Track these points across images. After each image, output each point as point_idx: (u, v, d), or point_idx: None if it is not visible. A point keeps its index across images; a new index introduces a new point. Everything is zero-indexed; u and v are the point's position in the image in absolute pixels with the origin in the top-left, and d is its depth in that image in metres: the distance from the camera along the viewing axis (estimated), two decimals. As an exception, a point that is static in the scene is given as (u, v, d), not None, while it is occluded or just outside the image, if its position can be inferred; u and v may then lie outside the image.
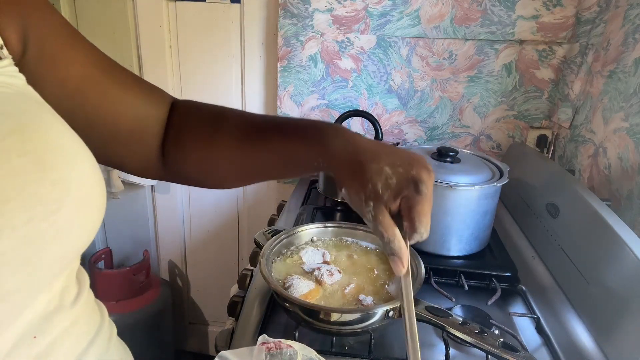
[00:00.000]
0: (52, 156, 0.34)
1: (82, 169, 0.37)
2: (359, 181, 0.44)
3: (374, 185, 0.43)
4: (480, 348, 0.58)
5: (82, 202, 0.36)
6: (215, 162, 0.54)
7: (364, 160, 0.44)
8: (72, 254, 0.38)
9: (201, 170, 0.55)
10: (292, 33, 1.28)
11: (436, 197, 0.85)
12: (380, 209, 0.43)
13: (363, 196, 0.43)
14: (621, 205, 0.86)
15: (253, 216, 1.61)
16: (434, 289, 0.80)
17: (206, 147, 0.53)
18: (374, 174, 0.43)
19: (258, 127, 0.53)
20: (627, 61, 0.93)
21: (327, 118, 1.36)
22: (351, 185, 0.45)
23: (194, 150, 0.53)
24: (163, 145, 0.54)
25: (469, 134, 1.32)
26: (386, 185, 0.43)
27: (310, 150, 0.48)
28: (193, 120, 0.54)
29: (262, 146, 0.51)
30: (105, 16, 1.41)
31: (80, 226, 0.36)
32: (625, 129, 0.89)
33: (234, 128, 0.53)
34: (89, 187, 0.37)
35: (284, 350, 0.44)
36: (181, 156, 0.54)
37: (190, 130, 0.54)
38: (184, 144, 0.53)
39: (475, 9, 1.19)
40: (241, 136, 0.52)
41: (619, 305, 0.66)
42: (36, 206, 0.32)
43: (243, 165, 0.53)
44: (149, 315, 1.52)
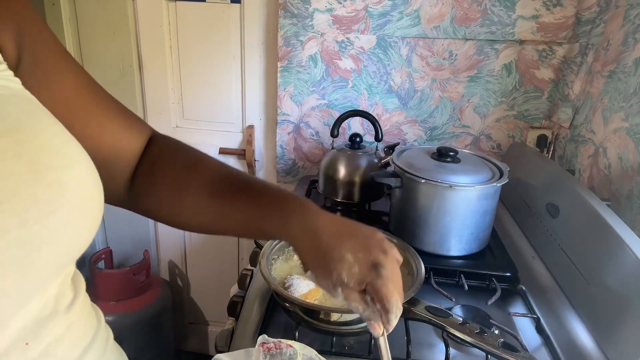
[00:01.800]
0: (48, 158, 0.33)
1: (79, 171, 0.36)
2: (324, 269, 0.46)
3: (339, 274, 0.45)
4: (480, 348, 0.58)
5: (78, 205, 0.35)
6: (181, 209, 0.53)
7: (325, 247, 0.46)
8: (68, 258, 0.37)
9: (166, 212, 0.54)
10: (292, 33, 1.28)
11: (436, 197, 0.86)
12: (349, 292, 0.45)
13: (330, 283, 0.45)
14: (621, 205, 0.86)
15: (253, 216, 1.61)
16: (434, 289, 0.80)
17: (175, 193, 0.52)
18: (337, 262, 0.45)
19: (228, 186, 0.52)
20: (627, 61, 0.93)
21: (327, 118, 1.36)
22: (317, 272, 0.47)
23: (163, 193, 0.53)
24: (133, 177, 0.53)
25: (469, 134, 1.32)
26: (350, 274, 0.45)
27: (271, 223, 0.49)
28: (168, 162, 0.54)
29: (228, 207, 0.51)
30: (105, 16, 1.41)
31: (76, 230, 0.35)
32: (625, 129, 0.89)
33: (206, 182, 0.52)
34: (86, 190, 0.36)
35: (283, 350, 0.44)
36: (149, 194, 0.53)
37: (163, 172, 0.53)
38: (154, 184, 0.53)
39: (475, 9, 1.19)
40: (210, 192, 0.52)
41: (619, 305, 0.66)
42: (30, 208, 0.31)
43: (207, 219, 0.53)
44: (149, 315, 1.52)
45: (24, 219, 0.31)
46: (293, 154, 1.43)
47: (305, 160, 1.44)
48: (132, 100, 1.50)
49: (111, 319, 1.45)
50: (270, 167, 1.53)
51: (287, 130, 1.40)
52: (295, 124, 1.39)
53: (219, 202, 0.52)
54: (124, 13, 1.39)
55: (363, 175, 1.11)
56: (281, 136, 1.41)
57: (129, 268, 1.48)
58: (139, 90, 1.49)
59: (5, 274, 0.30)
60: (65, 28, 1.45)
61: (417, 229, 0.90)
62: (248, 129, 1.46)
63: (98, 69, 1.48)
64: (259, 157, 1.52)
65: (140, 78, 1.47)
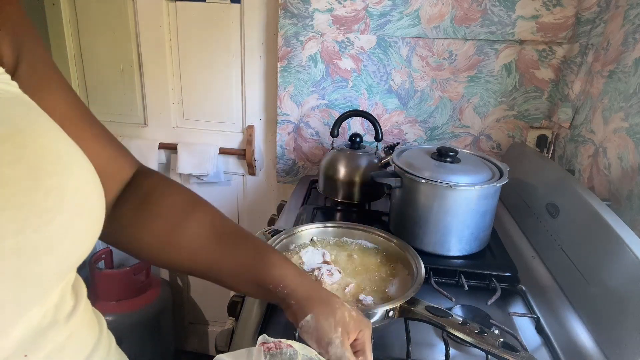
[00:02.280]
0: (48, 163, 0.32)
1: (79, 177, 0.35)
2: (330, 308, 0.50)
3: (342, 313, 0.50)
4: (480, 348, 0.58)
5: (79, 211, 0.34)
6: (176, 247, 0.51)
7: (326, 293, 0.52)
8: (68, 266, 0.36)
9: (156, 248, 0.52)
10: (292, 33, 1.28)
11: (436, 197, 0.86)
12: (345, 335, 0.49)
13: (333, 321, 0.49)
14: (621, 205, 0.86)
15: (253, 216, 1.61)
16: (434, 289, 0.80)
17: (172, 230, 0.51)
18: (340, 304, 0.51)
19: (230, 230, 0.53)
20: (627, 61, 0.93)
21: (327, 118, 1.36)
22: (321, 312, 0.49)
23: (159, 228, 0.51)
24: (116, 208, 0.51)
25: (469, 134, 1.32)
26: (350, 316, 0.50)
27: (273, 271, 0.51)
28: (166, 198, 0.52)
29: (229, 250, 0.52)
30: (105, 16, 1.41)
31: (76, 237, 0.34)
32: (625, 129, 0.89)
33: (207, 223, 0.52)
34: (87, 195, 0.36)
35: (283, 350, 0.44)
36: (140, 228, 0.51)
37: (159, 207, 0.51)
38: (147, 218, 0.51)
39: (475, 9, 1.19)
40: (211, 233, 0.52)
41: (619, 305, 0.66)
42: (28, 216, 0.30)
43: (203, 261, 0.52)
44: (149, 315, 1.52)
45: (22, 226, 0.30)
46: (293, 154, 1.43)
47: (305, 160, 1.44)
48: (132, 100, 1.50)
49: (111, 319, 1.45)
50: (270, 167, 1.53)
51: (287, 130, 1.40)
52: (295, 124, 1.39)
53: (221, 244, 0.51)
54: (124, 13, 1.39)
55: (363, 175, 1.11)
56: (281, 136, 1.41)
57: (129, 268, 1.48)
58: (139, 90, 1.49)
59: (3, 284, 0.29)
60: (65, 28, 1.45)
61: (417, 229, 0.90)
62: (248, 129, 1.46)
63: (98, 69, 1.48)
64: (259, 157, 1.52)
65: (140, 78, 1.47)
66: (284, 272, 0.52)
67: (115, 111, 1.53)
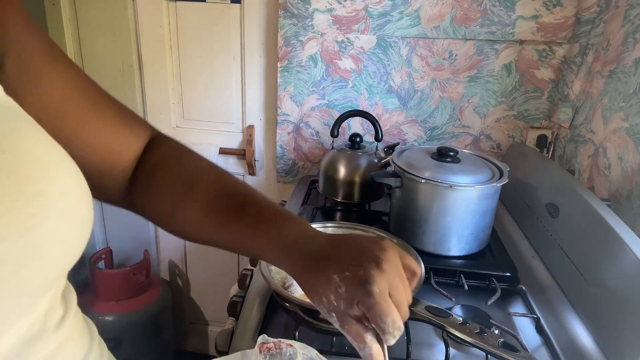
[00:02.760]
0: (30, 169, 0.31)
1: (64, 181, 0.34)
2: (316, 295, 0.42)
3: (327, 298, 0.41)
4: (480, 348, 0.58)
5: (65, 216, 0.33)
6: (176, 220, 0.52)
7: (313, 271, 0.43)
8: (56, 273, 0.35)
9: (163, 220, 0.54)
10: (292, 33, 1.28)
11: (436, 197, 0.86)
12: (344, 318, 0.41)
13: (324, 309, 0.42)
14: (621, 205, 0.86)
15: (253, 216, 1.61)
16: (434, 289, 0.80)
17: (171, 205, 0.52)
18: (325, 286, 0.41)
19: (225, 206, 0.50)
20: (627, 61, 0.93)
21: (327, 118, 1.36)
22: (312, 298, 0.43)
23: (160, 201, 0.52)
24: (133, 179, 0.52)
25: (469, 134, 1.32)
26: (337, 295, 0.41)
27: (264, 249, 0.47)
28: (168, 172, 0.53)
29: (222, 227, 0.50)
30: (105, 16, 1.41)
31: (64, 242, 0.33)
32: (625, 129, 0.89)
33: (202, 200, 0.51)
34: (72, 200, 0.34)
35: (283, 350, 0.44)
36: (147, 199, 0.52)
37: (162, 181, 0.52)
38: (152, 191, 0.52)
39: (475, 9, 1.19)
40: (206, 211, 0.51)
41: (619, 305, 0.66)
42: (11, 223, 0.29)
43: (201, 234, 0.52)
44: (149, 315, 1.52)
45: (6, 232, 0.29)
46: (293, 154, 1.43)
47: (305, 160, 1.44)
48: (132, 100, 1.50)
49: (111, 319, 1.45)
50: (270, 167, 1.53)
51: (287, 130, 1.40)
52: (295, 124, 1.39)
53: (214, 221, 0.51)
54: (124, 13, 1.39)
55: (363, 175, 1.11)
56: (281, 136, 1.41)
57: (129, 268, 1.48)
58: (139, 90, 1.49)
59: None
60: (65, 28, 1.45)
61: (417, 229, 0.90)
62: (248, 129, 1.46)
63: (98, 69, 1.48)
64: (259, 157, 1.52)
65: (140, 78, 1.47)
66: (274, 255, 0.47)
67: (115, 111, 1.52)
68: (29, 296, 0.33)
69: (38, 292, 0.34)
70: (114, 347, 1.57)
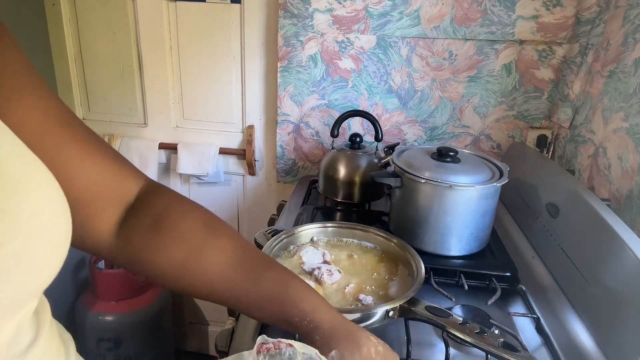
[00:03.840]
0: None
1: (36, 197, 0.31)
2: (356, 344, 0.48)
3: (368, 348, 0.48)
4: (480, 348, 0.58)
5: (36, 236, 0.31)
6: (197, 271, 0.48)
7: (351, 327, 0.50)
8: (24, 296, 0.32)
9: (170, 272, 0.48)
10: (292, 33, 1.28)
11: (436, 197, 0.86)
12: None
13: (358, 358, 0.47)
14: (621, 205, 0.86)
15: (253, 216, 1.61)
16: (434, 289, 0.80)
17: (193, 253, 0.48)
18: (366, 339, 0.49)
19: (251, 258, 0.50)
20: (627, 61, 0.93)
21: (327, 118, 1.36)
22: (346, 347, 0.47)
23: (171, 252, 0.48)
24: (126, 227, 0.47)
25: (469, 134, 1.32)
26: (377, 351, 0.48)
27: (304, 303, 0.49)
28: (184, 219, 0.49)
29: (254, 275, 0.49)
30: (105, 16, 1.41)
31: (34, 264, 0.31)
32: (625, 129, 0.89)
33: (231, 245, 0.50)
34: (46, 218, 0.32)
35: (283, 350, 0.44)
36: (153, 250, 0.47)
37: (178, 228, 0.48)
38: (160, 241, 0.47)
39: (475, 9, 1.19)
40: (235, 257, 0.49)
41: (619, 305, 0.66)
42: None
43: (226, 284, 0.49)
44: (149, 315, 1.52)
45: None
46: (293, 154, 1.43)
47: (305, 160, 1.44)
48: (132, 100, 1.50)
49: (111, 319, 1.45)
50: (270, 167, 1.53)
51: (287, 130, 1.40)
52: (295, 124, 1.39)
53: (242, 274, 0.49)
54: (124, 13, 1.39)
55: (363, 175, 1.11)
56: (281, 136, 1.41)
57: (129, 268, 1.48)
58: (139, 90, 1.49)
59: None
60: (65, 28, 1.45)
61: (417, 229, 0.90)
62: (248, 129, 1.46)
63: (98, 69, 1.48)
64: (259, 157, 1.52)
65: (140, 78, 1.47)
66: (310, 307, 0.49)
67: (115, 111, 1.53)
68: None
69: (2, 317, 0.30)
70: (114, 347, 1.58)
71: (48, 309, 0.38)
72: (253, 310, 0.50)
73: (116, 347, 1.47)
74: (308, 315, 0.49)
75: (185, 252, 0.48)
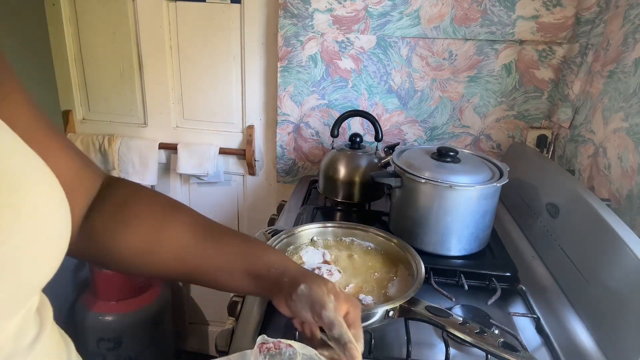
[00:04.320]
0: (0, 181, 0.29)
1: (38, 194, 0.32)
2: (322, 279, 0.51)
3: (333, 285, 0.51)
4: (480, 348, 0.58)
5: (36, 231, 0.31)
6: (160, 248, 0.50)
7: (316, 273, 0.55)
8: (29, 290, 0.33)
9: (138, 254, 0.50)
10: (292, 33, 1.28)
11: (436, 197, 0.86)
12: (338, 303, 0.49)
13: (325, 289, 0.49)
14: (621, 205, 0.86)
15: (253, 216, 1.61)
16: (434, 289, 0.80)
17: (155, 232, 0.50)
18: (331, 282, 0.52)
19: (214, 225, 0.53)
20: (627, 61, 0.93)
21: (327, 118, 1.36)
22: (314, 281, 0.50)
23: (140, 232, 0.49)
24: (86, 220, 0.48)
25: (469, 134, 1.32)
26: (341, 290, 0.52)
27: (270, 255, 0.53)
28: (145, 202, 0.51)
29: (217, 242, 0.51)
30: (105, 16, 1.41)
31: (36, 258, 0.32)
32: (625, 129, 0.89)
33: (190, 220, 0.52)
34: (46, 215, 0.33)
35: (283, 350, 0.44)
36: (118, 235, 0.49)
37: (139, 211, 0.50)
38: (127, 223, 0.49)
39: (475, 9, 1.19)
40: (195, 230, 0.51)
41: (619, 305, 0.66)
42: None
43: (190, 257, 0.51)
44: (149, 315, 1.52)
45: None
46: (293, 154, 1.43)
47: (305, 160, 1.44)
48: (132, 100, 1.50)
49: (111, 319, 1.45)
50: (270, 167, 1.53)
51: (287, 130, 1.40)
52: (295, 124, 1.39)
53: (207, 241, 0.51)
54: (124, 13, 1.39)
55: (363, 175, 1.11)
56: (281, 136, 1.41)
57: (129, 268, 1.48)
58: (139, 90, 1.49)
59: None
60: (65, 28, 1.45)
61: (417, 229, 0.90)
62: (248, 129, 1.46)
63: (98, 69, 1.48)
64: (259, 157, 1.52)
65: (140, 78, 1.47)
66: (274, 257, 0.53)
67: (115, 111, 1.53)
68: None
69: (8, 311, 0.32)
70: (114, 347, 1.58)
71: (49, 307, 0.39)
72: (220, 276, 0.52)
73: (116, 347, 1.47)
74: (274, 264, 0.52)
75: (148, 231, 0.50)
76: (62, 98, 1.50)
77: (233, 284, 0.54)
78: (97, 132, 1.53)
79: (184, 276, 0.52)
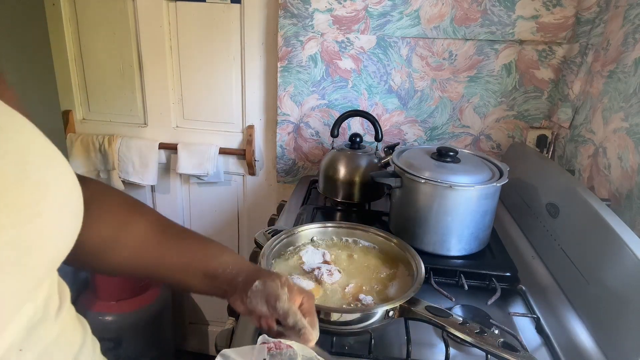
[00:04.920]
0: (32, 156, 0.33)
1: (60, 170, 0.35)
2: (275, 274, 0.53)
3: (286, 279, 0.52)
4: (480, 348, 0.58)
5: (62, 203, 0.34)
6: (120, 246, 0.51)
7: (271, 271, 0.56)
8: (57, 259, 0.36)
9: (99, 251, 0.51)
10: (292, 33, 1.28)
11: (436, 197, 0.86)
12: (292, 294, 0.51)
13: (279, 283, 0.51)
14: (621, 205, 0.86)
15: (253, 216, 1.61)
16: (434, 289, 0.80)
17: (116, 230, 0.51)
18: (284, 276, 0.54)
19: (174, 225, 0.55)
20: (627, 61, 0.93)
21: (327, 118, 1.36)
22: (268, 276, 0.52)
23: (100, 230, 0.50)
24: None
25: (469, 134, 1.32)
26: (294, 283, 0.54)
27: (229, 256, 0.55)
28: (106, 201, 0.53)
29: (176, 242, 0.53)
30: (105, 16, 1.41)
31: (63, 228, 0.35)
32: (625, 129, 0.89)
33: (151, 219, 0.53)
34: (67, 190, 0.36)
35: (283, 351, 0.44)
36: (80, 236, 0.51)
37: (100, 210, 0.51)
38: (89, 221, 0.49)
39: (475, 9, 1.19)
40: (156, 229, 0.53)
41: (619, 305, 0.66)
42: (21, 208, 0.30)
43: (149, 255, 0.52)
44: (149, 315, 1.52)
45: (16, 219, 0.30)
46: (293, 154, 1.43)
47: (305, 160, 1.44)
48: (132, 100, 1.50)
49: (111, 319, 1.45)
50: (270, 167, 1.54)
51: (287, 130, 1.40)
52: (295, 124, 1.39)
53: (166, 239, 0.52)
54: (124, 13, 1.39)
55: (363, 175, 1.11)
56: (281, 136, 1.41)
57: (129, 268, 1.48)
58: (139, 90, 1.49)
59: (2, 277, 0.29)
60: (65, 28, 1.45)
61: (417, 229, 0.90)
62: (248, 129, 1.46)
63: (98, 69, 1.48)
64: (259, 157, 1.52)
65: (140, 78, 1.47)
66: (230, 258, 0.55)
67: (115, 111, 1.53)
68: (35, 281, 0.34)
69: (42, 277, 0.35)
70: (114, 347, 1.57)
71: (67, 288, 0.43)
72: (177, 274, 0.54)
73: (116, 347, 1.47)
74: (230, 264, 0.54)
75: (109, 227, 0.51)
76: (62, 98, 1.50)
77: (189, 284, 0.55)
78: (97, 132, 1.53)
79: (141, 272, 0.54)
